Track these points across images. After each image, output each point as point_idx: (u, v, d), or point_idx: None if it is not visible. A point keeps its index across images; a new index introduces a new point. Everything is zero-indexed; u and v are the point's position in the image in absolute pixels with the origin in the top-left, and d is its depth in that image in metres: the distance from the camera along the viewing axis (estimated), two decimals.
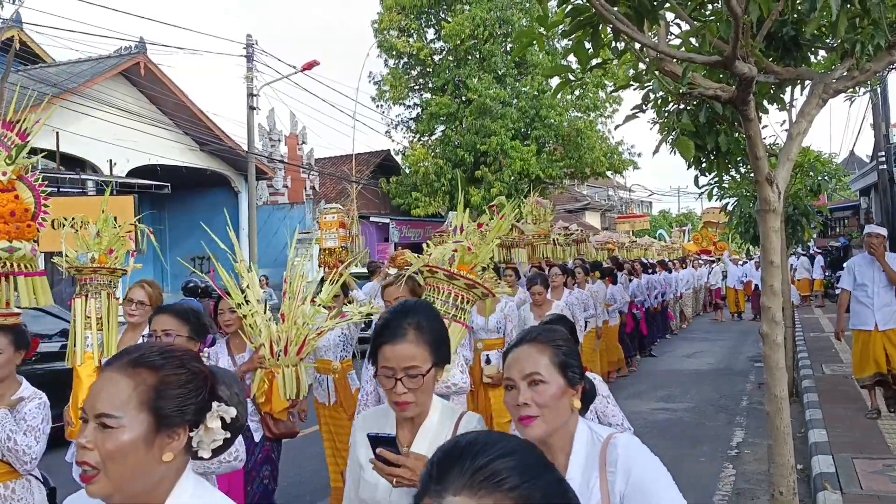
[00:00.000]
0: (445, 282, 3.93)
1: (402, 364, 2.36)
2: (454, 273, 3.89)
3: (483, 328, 7.24)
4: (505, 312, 7.24)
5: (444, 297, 3.93)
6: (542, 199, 12.43)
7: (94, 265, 5.24)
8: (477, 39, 25.42)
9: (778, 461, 4.26)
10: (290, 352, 4.88)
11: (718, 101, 4.00)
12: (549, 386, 2.19)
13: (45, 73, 19.33)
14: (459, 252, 4.04)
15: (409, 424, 2.48)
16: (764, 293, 4.34)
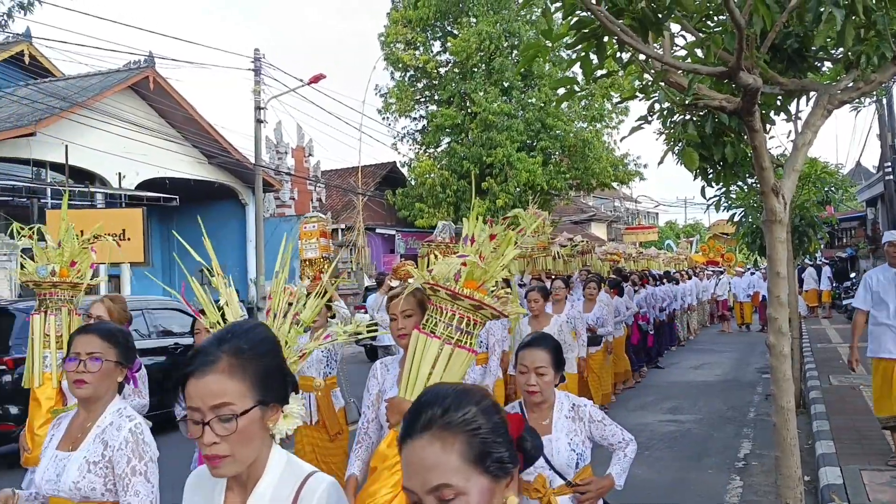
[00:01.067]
0: (448, 301, 3.53)
1: (209, 402, 1.80)
2: (458, 293, 3.47)
3: None
4: (487, 326, 6.70)
5: (447, 319, 3.56)
6: (540, 211, 12.32)
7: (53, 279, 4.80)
8: (483, 52, 25.50)
9: (785, 473, 4.25)
10: None
11: (724, 111, 4.02)
12: (468, 497, 1.44)
13: (54, 86, 19.47)
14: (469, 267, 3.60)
15: (239, 487, 1.94)
16: (770, 304, 4.34)
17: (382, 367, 3.94)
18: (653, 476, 7.63)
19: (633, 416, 10.56)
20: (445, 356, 3.48)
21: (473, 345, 3.62)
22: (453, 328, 3.52)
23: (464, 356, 3.55)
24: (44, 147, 17.83)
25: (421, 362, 3.50)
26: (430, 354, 3.48)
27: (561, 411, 3.62)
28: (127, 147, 19.06)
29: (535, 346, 3.57)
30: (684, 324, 20.17)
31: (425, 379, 3.45)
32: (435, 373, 3.47)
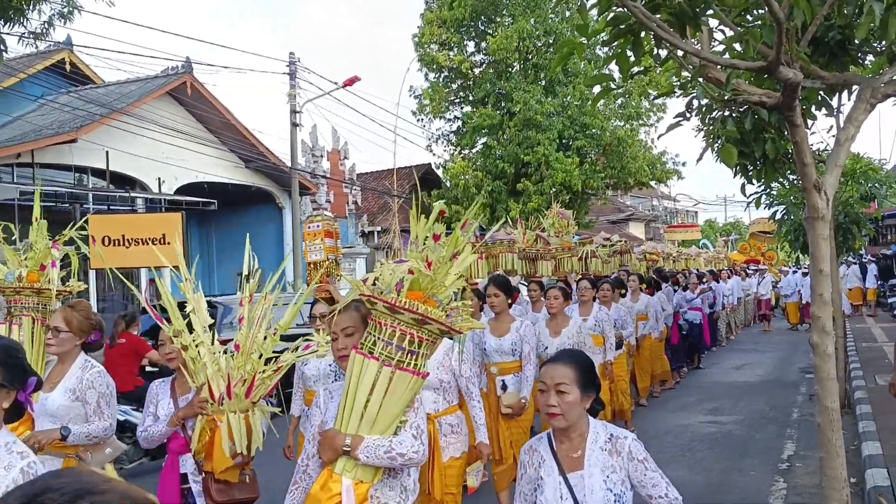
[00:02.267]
0: (387, 316, 3.02)
1: None
2: (396, 305, 2.97)
3: (497, 350, 6.49)
4: (521, 333, 6.45)
5: (387, 337, 3.02)
6: (564, 211, 11.85)
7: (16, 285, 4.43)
8: (521, 51, 25.44)
9: (830, 474, 4.17)
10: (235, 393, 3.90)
11: (764, 107, 3.95)
12: None
13: (95, 93, 19.77)
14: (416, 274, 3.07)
15: None
16: (814, 302, 4.26)
17: (326, 394, 3.33)
18: (694, 477, 7.54)
19: (673, 417, 10.45)
20: (385, 380, 3.00)
21: (420, 367, 3.09)
22: (393, 347, 3.01)
23: (407, 380, 3.03)
24: (85, 153, 18.12)
25: (357, 388, 3.02)
26: (367, 378, 2.99)
27: (596, 442, 3.04)
28: (166, 152, 19.30)
29: (557, 361, 3.11)
30: (724, 324, 19.91)
31: (362, 408, 2.99)
32: (373, 400, 3.00)
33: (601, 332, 8.41)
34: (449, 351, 5.02)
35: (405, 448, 3.01)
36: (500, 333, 6.47)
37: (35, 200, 5.03)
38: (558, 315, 7.16)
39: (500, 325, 6.52)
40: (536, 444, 3.13)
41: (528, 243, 10.23)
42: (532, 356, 6.38)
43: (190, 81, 20.27)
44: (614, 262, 13.09)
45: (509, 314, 6.59)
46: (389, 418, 3.03)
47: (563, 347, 6.69)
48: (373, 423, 3.01)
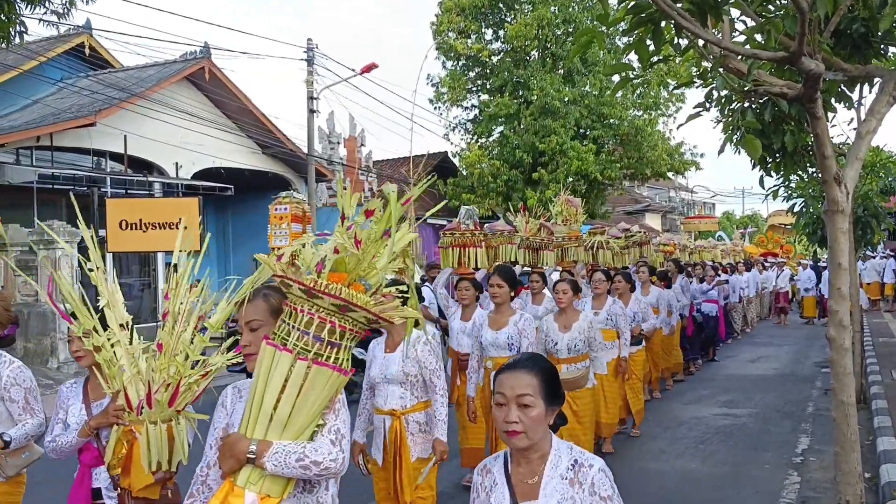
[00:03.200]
0: (304, 301, 2.61)
1: None
2: (314, 288, 2.57)
3: (493, 344, 6.25)
4: (519, 327, 6.19)
5: (303, 325, 2.61)
6: (572, 198, 11.40)
7: None
8: (540, 39, 25.32)
9: (845, 469, 4.15)
10: (156, 401, 3.37)
11: (785, 98, 3.92)
12: None
13: (114, 77, 19.86)
14: (341, 253, 2.68)
15: None
16: (831, 296, 4.23)
17: (234, 393, 2.89)
18: (708, 469, 7.52)
19: (688, 409, 10.43)
20: (299, 376, 2.57)
21: (343, 361, 2.65)
22: (310, 337, 2.59)
23: (326, 377, 2.60)
24: (103, 137, 18.21)
25: (267, 385, 2.59)
26: (278, 374, 2.58)
27: (556, 468, 2.54)
28: (183, 137, 19.36)
29: (518, 368, 2.57)
30: (740, 316, 19.82)
31: (271, 408, 2.57)
32: (285, 399, 2.58)
33: (614, 326, 8.18)
34: (415, 342, 4.72)
35: (321, 455, 2.55)
36: (498, 327, 6.26)
37: None
38: (568, 309, 6.79)
39: (499, 318, 6.31)
40: (491, 465, 2.68)
41: (531, 233, 9.82)
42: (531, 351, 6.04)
43: (208, 66, 20.31)
44: (634, 253, 12.78)
45: (510, 307, 6.40)
46: (304, 421, 2.61)
47: (573, 343, 6.64)
48: (284, 427, 2.59)
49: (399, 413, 4.73)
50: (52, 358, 14.40)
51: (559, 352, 6.66)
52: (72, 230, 15.05)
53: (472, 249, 7.94)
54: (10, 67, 16.94)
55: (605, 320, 8.13)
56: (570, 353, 6.66)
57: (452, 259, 7.95)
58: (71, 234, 14.96)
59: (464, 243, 7.91)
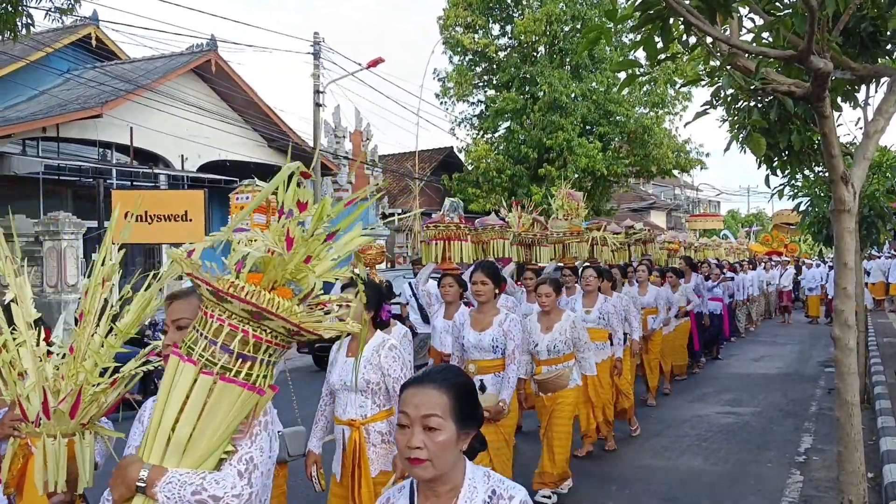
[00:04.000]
0: (214, 304, 2.22)
1: None
2: (222, 290, 2.17)
3: (476, 346, 5.78)
4: (504, 328, 5.73)
5: (211, 333, 2.21)
6: (574, 192, 10.85)
7: None
8: (548, 35, 25.30)
9: (848, 469, 4.15)
10: (56, 412, 2.80)
11: (793, 97, 3.90)
12: None
13: (120, 69, 19.88)
14: (273, 250, 2.26)
15: None
16: (837, 296, 4.22)
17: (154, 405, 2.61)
18: (710, 468, 7.52)
19: (691, 407, 10.43)
20: (202, 392, 2.19)
21: (258, 378, 2.24)
22: (217, 348, 2.19)
23: (234, 395, 2.20)
24: (110, 129, 18.24)
25: (167, 401, 2.22)
26: (180, 389, 2.21)
27: (471, 502, 2.15)
28: (189, 129, 19.39)
29: (425, 383, 2.17)
30: (744, 315, 19.80)
31: (169, 429, 2.19)
32: (185, 418, 2.19)
33: (607, 325, 7.98)
34: (379, 347, 4.31)
35: (222, 489, 2.16)
36: (482, 327, 5.79)
37: None
38: (551, 311, 6.57)
39: (482, 317, 5.84)
40: (395, 497, 2.30)
41: (524, 228, 9.44)
42: (517, 354, 5.70)
43: (215, 59, 20.33)
44: (637, 250, 12.56)
45: (495, 306, 5.91)
46: (208, 446, 2.22)
47: (553, 344, 6.46)
48: (183, 451, 2.20)
49: (359, 423, 4.29)
50: None
51: (539, 353, 6.52)
52: (77, 221, 15.09)
53: (456, 243, 7.61)
54: (17, 58, 16.97)
55: (598, 319, 7.95)
56: (550, 354, 6.48)
57: (437, 253, 7.58)
58: (76, 226, 15.00)
59: (448, 236, 7.56)
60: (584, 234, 10.47)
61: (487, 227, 8.66)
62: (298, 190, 2.36)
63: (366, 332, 2.78)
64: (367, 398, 4.29)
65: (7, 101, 18.72)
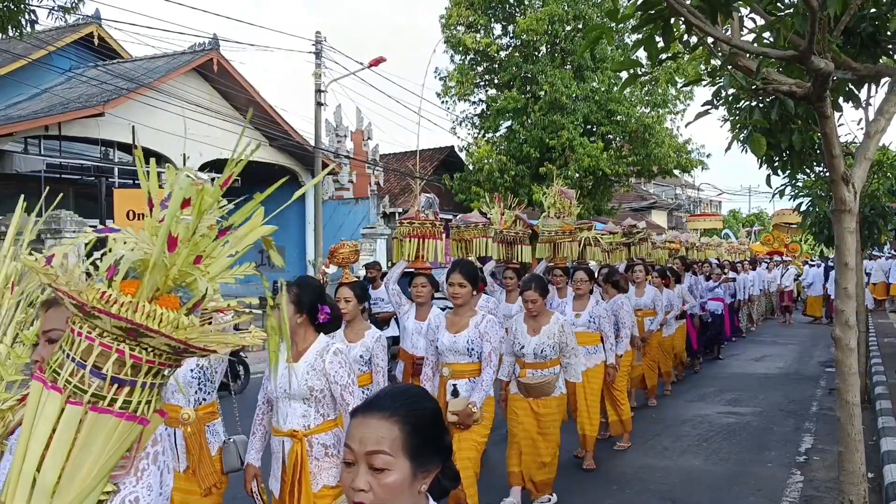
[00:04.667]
0: (81, 320, 1.80)
1: None
2: (87, 304, 1.76)
3: (451, 349, 5.46)
4: (481, 329, 5.41)
5: (80, 354, 1.80)
6: (566, 190, 10.35)
7: None
8: (550, 35, 25.28)
9: (849, 469, 4.15)
10: None
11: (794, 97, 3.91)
12: None
13: (122, 68, 19.90)
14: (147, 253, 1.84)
15: None
16: (838, 296, 4.23)
17: None
18: (710, 467, 7.53)
19: (692, 407, 10.43)
20: (70, 426, 1.78)
21: (142, 408, 1.84)
22: (87, 372, 1.78)
23: (112, 427, 1.80)
24: (112, 127, 18.26)
25: (31, 435, 1.81)
26: (45, 420, 1.80)
27: None
28: (191, 128, 19.40)
29: (371, 411, 1.81)
30: (745, 315, 19.80)
31: (34, 469, 1.77)
32: (51, 457, 1.78)
33: (597, 329, 7.63)
34: (323, 352, 3.98)
35: None
36: (457, 329, 5.48)
37: None
38: (539, 315, 6.21)
39: (458, 319, 5.53)
40: None
41: (506, 225, 8.99)
42: (493, 357, 5.36)
43: (216, 58, 20.34)
44: (635, 251, 12.17)
45: (472, 308, 5.64)
46: (82, 488, 1.82)
47: (541, 347, 6.12)
48: (52, 496, 1.79)
49: (301, 434, 3.93)
50: None
51: (525, 356, 6.19)
52: (79, 220, 15.10)
53: (431, 241, 7.13)
54: (19, 56, 16.98)
55: (588, 323, 7.62)
56: (537, 358, 6.15)
57: (409, 251, 7.09)
58: (78, 224, 15.01)
59: (423, 234, 7.06)
60: (576, 233, 9.91)
61: (469, 224, 8.28)
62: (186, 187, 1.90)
63: (275, 349, 2.44)
64: (311, 407, 3.94)
65: (9, 100, 18.73)
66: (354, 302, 5.37)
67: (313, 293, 4.07)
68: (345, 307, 5.24)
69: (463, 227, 8.21)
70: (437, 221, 7.34)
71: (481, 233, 8.20)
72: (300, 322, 3.93)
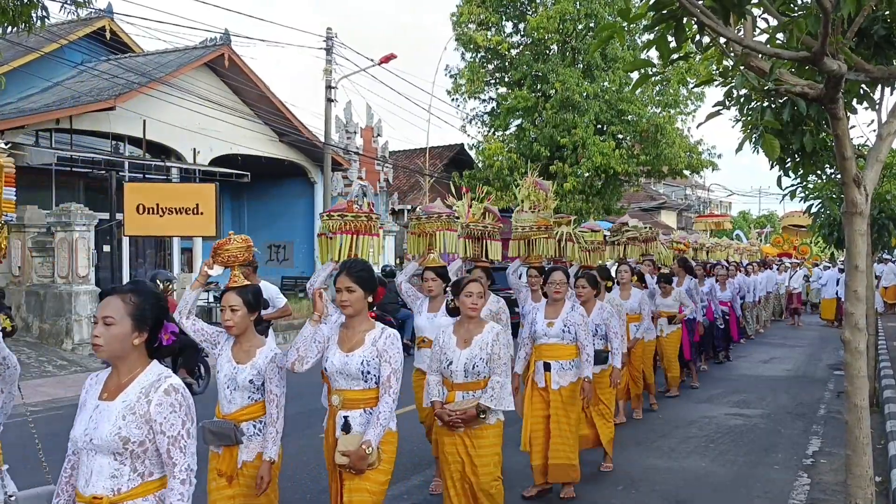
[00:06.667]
0: None
1: None
2: None
3: (342, 371, 4.30)
4: (379, 347, 4.29)
5: None
6: (542, 181, 9.23)
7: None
8: (561, 33, 25.25)
9: (856, 472, 4.14)
10: None
11: (806, 98, 3.89)
12: None
13: (134, 62, 19.96)
14: None
15: None
16: (847, 299, 4.21)
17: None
18: (717, 469, 7.51)
19: (699, 408, 10.40)
20: None
21: None
22: None
23: None
24: (122, 121, 18.31)
25: None
26: None
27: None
28: (201, 123, 19.44)
29: None
30: (753, 317, 19.72)
31: None
32: None
33: (573, 340, 6.47)
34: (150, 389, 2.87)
35: None
36: (350, 347, 4.31)
37: None
38: (472, 321, 5.12)
39: (351, 334, 4.35)
40: None
41: (474, 218, 8.05)
42: (392, 381, 4.21)
43: (228, 53, 20.37)
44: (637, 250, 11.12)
45: (367, 319, 4.41)
46: None
47: (472, 362, 4.97)
48: None
49: (106, 502, 2.83)
50: (66, 339, 14.52)
51: (454, 374, 5.00)
52: (89, 213, 15.16)
53: (365, 238, 5.66)
54: (31, 50, 17.03)
55: (562, 332, 6.46)
56: (468, 376, 4.97)
57: (343, 249, 5.48)
58: (88, 217, 15.07)
59: (356, 229, 5.56)
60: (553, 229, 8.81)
61: (432, 216, 7.13)
62: None
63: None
64: (124, 464, 2.83)
65: (21, 93, 18.80)
66: (243, 311, 4.29)
67: (158, 305, 3.01)
68: (230, 318, 4.27)
69: (424, 218, 7.10)
70: (373, 214, 5.81)
71: (445, 226, 7.10)
72: (136, 344, 2.89)
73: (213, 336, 4.46)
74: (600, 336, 7.24)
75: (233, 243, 4.52)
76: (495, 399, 4.91)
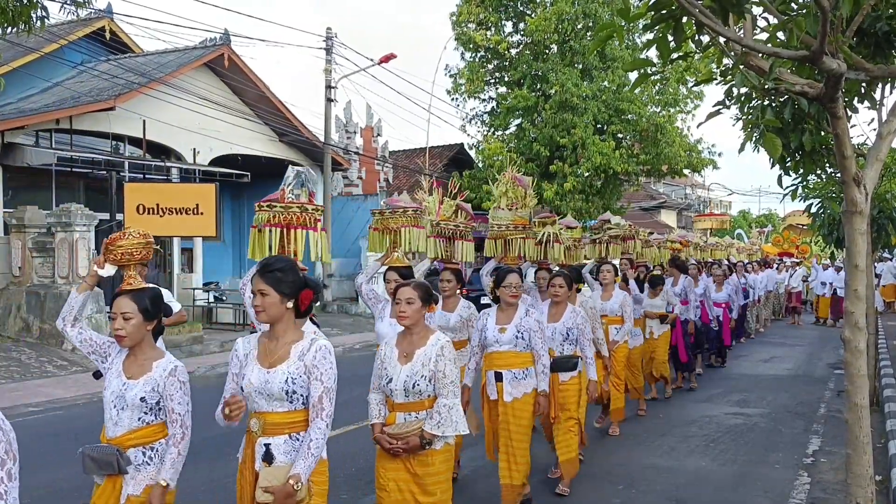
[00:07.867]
0: None
1: None
2: None
3: (262, 391, 3.61)
4: (307, 362, 3.64)
5: None
6: (521, 177, 8.65)
7: None
8: (560, 33, 25.25)
9: (856, 471, 4.14)
10: None
11: (806, 97, 3.89)
12: None
13: (133, 62, 19.96)
14: None
15: None
16: (847, 298, 4.21)
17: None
18: (717, 468, 7.51)
19: (699, 408, 10.41)
20: None
21: None
22: None
23: None
24: (122, 121, 18.31)
25: None
26: None
27: None
28: (201, 123, 19.44)
29: None
30: (753, 316, 19.73)
31: None
32: None
33: (527, 347, 5.89)
34: None
35: None
36: (271, 363, 3.66)
37: None
38: (414, 329, 4.43)
39: (273, 346, 3.69)
40: None
41: (444, 216, 7.45)
42: (325, 403, 3.58)
43: (227, 53, 20.37)
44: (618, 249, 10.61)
45: (293, 329, 3.72)
46: None
47: (413, 380, 4.29)
48: None
49: None
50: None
51: (394, 393, 4.34)
52: (89, 213, 15.16)
53: (300, 232, 5.05)
54: (31, 50, 17.03)
55: (514, 339, 5.87)
56: (409, 395, 4.31)
57: (273, 245, 4.97)
58: (88, 217, 15.07)
59: (288, 223, 5.01)
60: (532, 228, 8.36)
61: (397, 210, 6.52)
62: None
63: None
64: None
65: (20, 93, 18.80)
66: (138, 320, 3.70)
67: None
68: (121, 327, 3.67)
69: (388, 212, 6.53)
70: (312, 206, 5.22)
71: (410, 221, 6.49)
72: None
73: (104, 347, 3.86)
74: (571, 340, 6.61)
75: (128, 238, 3.98)
76: (442, 425, 4.27)
